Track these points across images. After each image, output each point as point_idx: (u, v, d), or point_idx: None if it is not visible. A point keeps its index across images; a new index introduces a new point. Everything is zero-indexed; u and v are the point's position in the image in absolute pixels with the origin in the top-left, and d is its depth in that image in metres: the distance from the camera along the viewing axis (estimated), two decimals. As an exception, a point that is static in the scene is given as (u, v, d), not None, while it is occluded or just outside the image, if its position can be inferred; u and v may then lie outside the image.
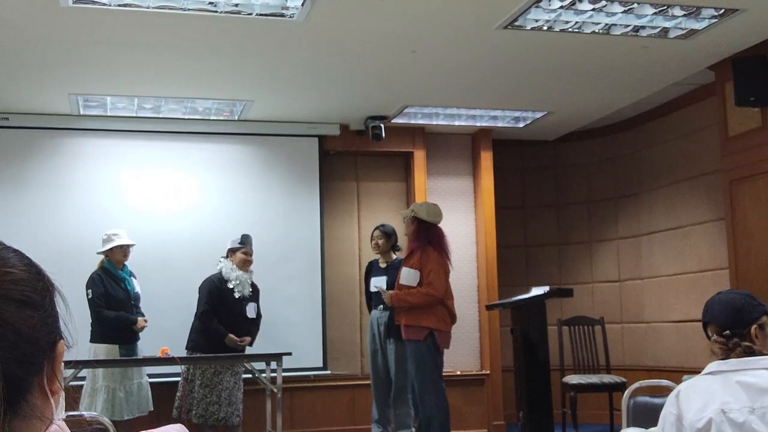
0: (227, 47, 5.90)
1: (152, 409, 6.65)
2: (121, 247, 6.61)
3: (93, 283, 6.49)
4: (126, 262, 6.70)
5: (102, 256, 6.64)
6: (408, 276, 6.23)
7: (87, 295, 6.44)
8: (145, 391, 6.61)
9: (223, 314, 6.72)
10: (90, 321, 6.49)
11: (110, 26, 5.41)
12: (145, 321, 6.63)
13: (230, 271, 6.81)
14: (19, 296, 0.90)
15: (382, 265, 6.85)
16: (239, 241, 6.90)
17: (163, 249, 7.47)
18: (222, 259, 6.91)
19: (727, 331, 2.49)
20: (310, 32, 5.59)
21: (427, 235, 6.33)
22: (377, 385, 6.75)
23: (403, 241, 6.88)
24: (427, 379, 6.19)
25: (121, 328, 6.50)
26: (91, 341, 6.45)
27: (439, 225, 6.43)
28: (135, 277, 6.79)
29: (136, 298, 6.71)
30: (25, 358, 0.88)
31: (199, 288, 6.82)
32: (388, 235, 6.87)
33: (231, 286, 6.76)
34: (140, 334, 6.63)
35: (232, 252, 6.89)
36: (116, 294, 6.54)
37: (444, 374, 8.17)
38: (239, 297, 6.79)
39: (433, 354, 6.22)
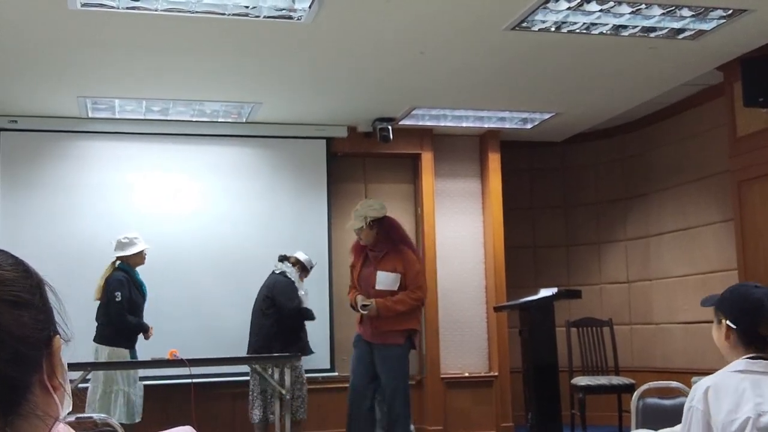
0: (235, 49, 5.91)
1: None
2: (141, 251, 6.61)
3: (122, 285, 6.41)
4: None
5: (113, 258, 6.60)
6: (387, 280, 5.91)
7: (115, 297, 6.36)
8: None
9: None
10: (98, 321, 6.48)
11: (118, 29, 5.42)
12: (152, 328, 6.64)
13: (298, 280, 6.98)
14: (6, 296, 0.90)
15: None
16: (312, 265, 7.11)
17: (171, 251, 7.47)
18: (290, 265, 6.99)
19: None
20: (317, 34, 5.60)
21: (397, 233, 6.05)
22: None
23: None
24: (403, 381, 5.98)
25: (135, 333, 6.53)
26: (98, 342, 6.41)
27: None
28: None
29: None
30: (19, 358, 0.88)
31: (282, 290, 6.85)
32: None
33: (302, 293, 6.95)
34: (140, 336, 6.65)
35: (303, 268, 7.05)
36: (136, 299, 6.55)
37: (452, 376, 8.24)
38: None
39: (408, 355, 6.06)
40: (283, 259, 7.03)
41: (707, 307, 2.69)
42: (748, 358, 2.49)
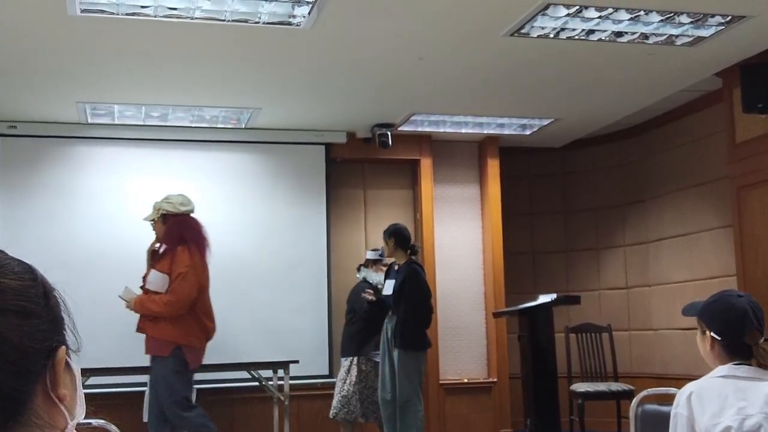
0: (234, 55, 5.92)
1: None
2: None
3: None
4: None
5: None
6: (155, 281, 5.48)
7: None
8: None
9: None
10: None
11: (118, 35, 5.43)
12: None
13: (374, 276, 7.12)
14: (9, 306, 0.89)
15: (396, 268, 6.82)
16: (380, 252, 7.21)
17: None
18: (364, 269, 7.24)
19: (762, 338, 2.53)
20: (316, 40, 5.60)
21: (180, 231, 5.57)
22: (383, 400, 6.69)
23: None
24: (170, 400, 5.41)
25: None
26: None
27: (193, 215, 5.65)
28: None
29: None
30: (17, 368, 0.88)
31: (354, 296, 7.09)
32: (388, 236, 6.85)
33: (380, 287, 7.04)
34: None
35: (373, 263, 7.23)
36: None
37: (451, 382, 8.22)
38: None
39: (180, 372, 5.43)
40: (359, 268, 7.30)
41: (689, 317, 2.70)
42: (731, 364, 2.51)
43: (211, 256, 5.64)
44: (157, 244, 5.63)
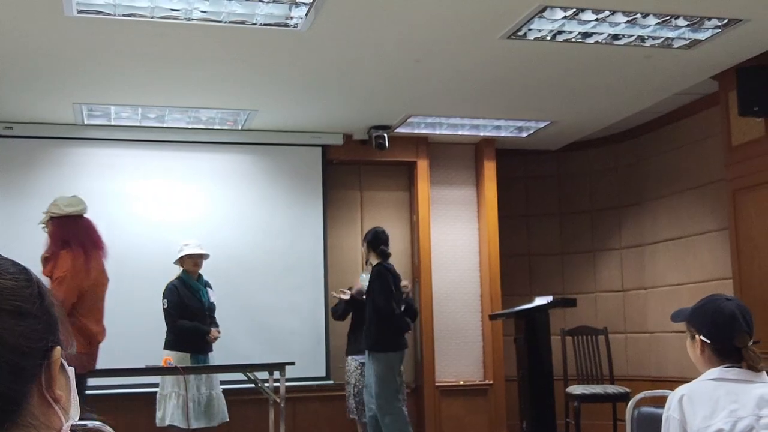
0: (231, 57, 5.91)
1: (227, 419, 6.70)
2: (190, 256, 6.70)
3: (169, 293, 6.59)
4: (201, 273, 6.81)
5: (179, 267, 6.74)
6: None
7: (163, 304, 6.57)
8: (216, 401, 6.67)
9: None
10: (165, 329, 6.60)
11: (114, 36, 5.42)
12: (218, 332, 6.71)
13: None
14: (5, 306, 0.90)
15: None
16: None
17: (166, 259, 7.44)
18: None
19: (751, 341, 2.55)
20: (313, 42, 5.60)
21: (62, 234, 5.23)
22: (368, 407, 6.68)
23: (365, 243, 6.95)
24: None
25: (194, 337, 6.59)
26: (164, 348, 6.53)
27: (86, 216, 5.37)
28: (210, 288, 6.86)
29: (210, 308, 6.79)
30: (13, 369, 0.88)
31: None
32: (364, 239, 6.85)
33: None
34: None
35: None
36: (191, 304, 6.63)
37: (447, 384, 8.22)
38: None
39: None
40: None
41: (678, 322, 2.71)
42: (722, 367, 2.53)
43: (105, 256, 5.38)
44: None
